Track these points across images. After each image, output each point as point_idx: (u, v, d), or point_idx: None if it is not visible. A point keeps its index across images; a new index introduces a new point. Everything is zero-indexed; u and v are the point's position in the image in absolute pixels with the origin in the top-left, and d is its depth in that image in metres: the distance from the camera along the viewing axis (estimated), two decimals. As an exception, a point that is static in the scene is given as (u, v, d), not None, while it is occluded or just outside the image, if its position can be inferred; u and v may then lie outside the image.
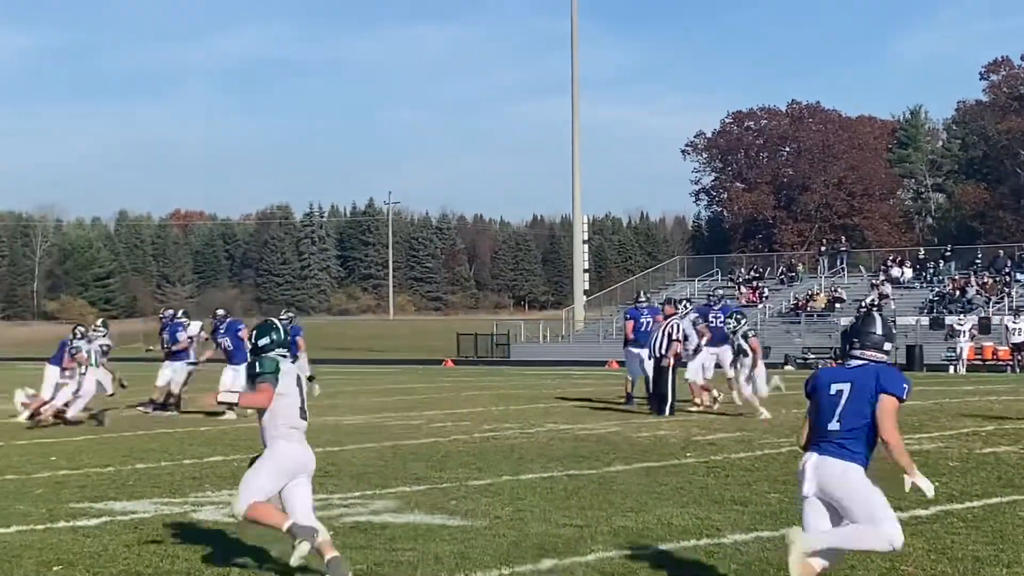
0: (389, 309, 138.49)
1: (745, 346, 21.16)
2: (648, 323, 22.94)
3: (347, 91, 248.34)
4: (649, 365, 21.93)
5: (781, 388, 23.03)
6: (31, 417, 20.32)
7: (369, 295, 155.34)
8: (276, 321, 8.70)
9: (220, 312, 23.65)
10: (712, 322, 23.15)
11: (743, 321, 22.00)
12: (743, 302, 64.95)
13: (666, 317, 22.14)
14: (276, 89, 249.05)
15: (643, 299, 24.67)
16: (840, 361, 7.21)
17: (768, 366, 50.44)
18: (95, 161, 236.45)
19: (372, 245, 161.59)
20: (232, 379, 21.01)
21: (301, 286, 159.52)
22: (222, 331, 22.69)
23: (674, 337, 21.68)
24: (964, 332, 45.40)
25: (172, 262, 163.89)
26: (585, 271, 73.42)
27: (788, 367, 50.09)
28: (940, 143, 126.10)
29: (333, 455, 15.18)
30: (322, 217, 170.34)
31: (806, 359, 51.98)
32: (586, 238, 74.63)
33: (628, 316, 24.39)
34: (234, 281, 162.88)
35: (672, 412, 20.99)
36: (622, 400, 23.45)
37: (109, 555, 8.64)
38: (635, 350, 22.88)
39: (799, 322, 59.86)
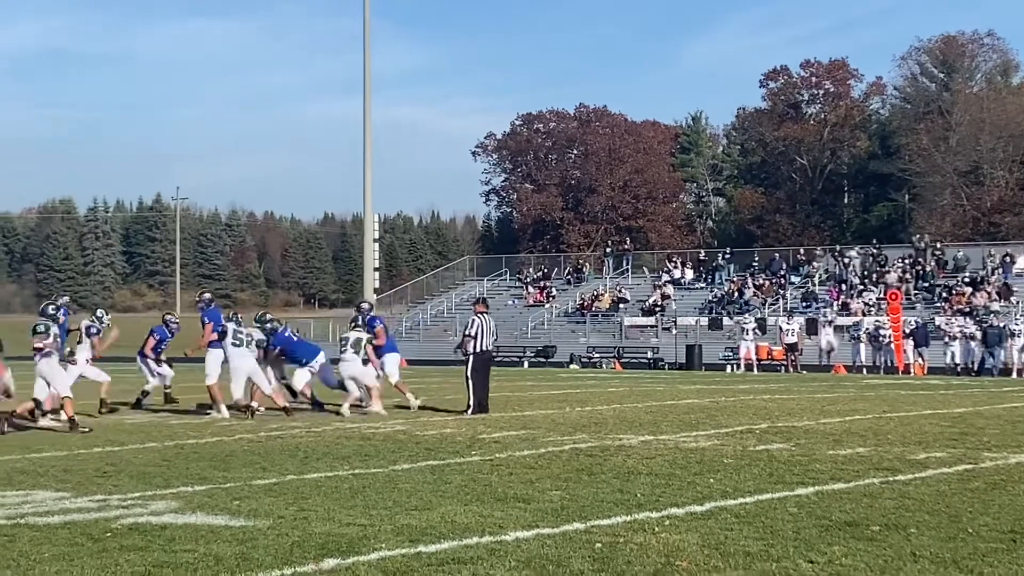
0: (176, 306, 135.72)
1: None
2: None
3: (133, 85, 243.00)
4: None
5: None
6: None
7: (155, 292, 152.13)
8: None
9: None
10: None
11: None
12: (531, 301, 65.72)
13: (478, 314, 22.16)
14: (59, 82, 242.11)
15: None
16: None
17: (553, 365, 51.17)
18: None
19: (159, 241, 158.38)
20: None
21: (84, 282, 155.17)
22: None
23: (467, 333, 21.89)
24: (748, 331, 46.74)
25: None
26: (376, 270, 73.06)
27: (573, 365, 50.87)
28: (720, 148, 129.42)
29: (113, 454, 14.88)
30: (107, 212, 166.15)
31: (591, 358, 52.83)
32: (377, 236, 74.28)
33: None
34: (13, 276, 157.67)
35: (484, 410, 21.18)
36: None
37: None
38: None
39: (585, 322, 60.81)
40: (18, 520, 9.84)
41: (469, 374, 21.58)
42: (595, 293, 64.43)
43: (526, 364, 53.31)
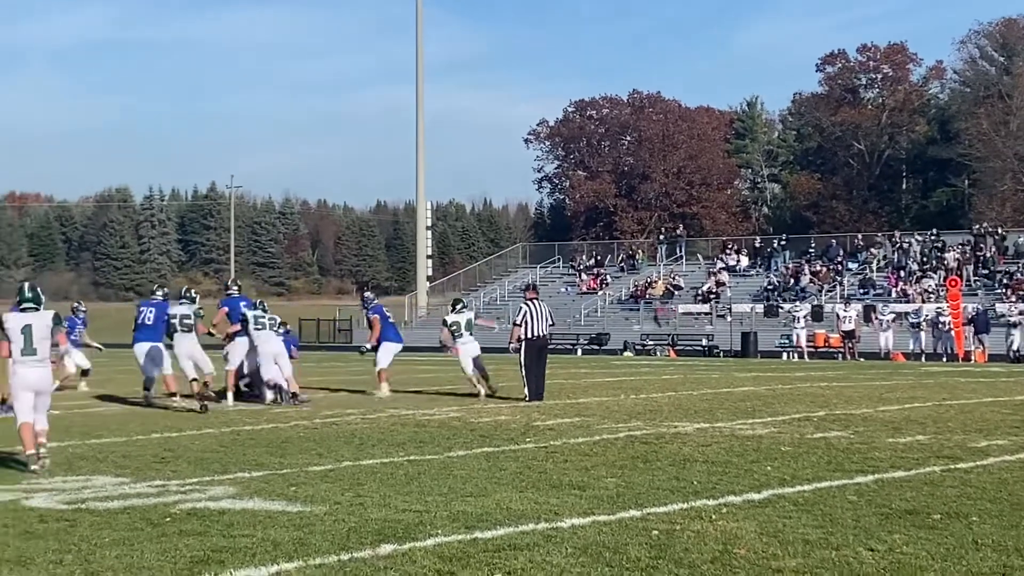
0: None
1: None
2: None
3: (187, 73, 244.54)
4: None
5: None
6: None
7: (211, 279, 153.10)
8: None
9: None
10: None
11: None
12: (584, 289, 65.66)
13: (527, 301, 22.12)
14: (115, 70, 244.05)
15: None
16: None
17: (606, 352, 51.08)
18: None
19: (214, 229, 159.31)
20: None
21: (140, 270, 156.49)
22: None
23: (514, 322, 21.82)
24: (799, 318, 46.43)
25: (7, 244, 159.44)
26: (428, 257, 73.45)
27: (627, 353, 50.76)
28: (776, 134, 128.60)
29: (171, 440, 14.99)
30: (163, 200, 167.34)
31: (644, 345, 52.69)
32: (429, 224, 74.65)
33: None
34: (71, 265, 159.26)
35: (539, 397, 21.14)
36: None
37: (-64, 544, 8.41)
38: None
39: (638, 309, 60.66)
40: (79, 505, 9.92)
41: (523, 362, 21.51)
42: (648, 280, 64.28)
43: (579, 352, 53.27)
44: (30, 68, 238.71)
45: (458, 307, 23.84)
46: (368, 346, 24.07)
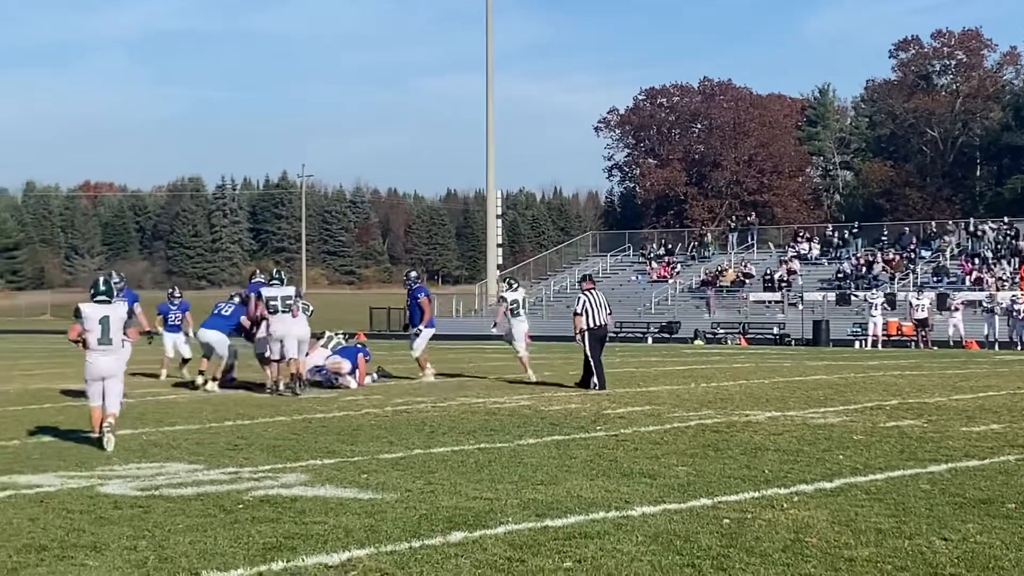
0: (302, 282, 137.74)
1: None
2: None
3: (260, 63, 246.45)
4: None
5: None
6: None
7: (282, 268, 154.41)
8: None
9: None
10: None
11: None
12: (654, 277, 65.48)
13: (585, 291, 22.12)
14: (187, 60, 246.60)
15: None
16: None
17: (677, 341, 50.96)
18: (1, 131, 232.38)
19: (285, 218, 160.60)
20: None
21: (213, 259, 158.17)
22: None
23: (575, 311, 21.78)
24: (876, 306, 45.95)
25: (81, 233, 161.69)
26: (499, 246, 73.44)
27: (698, 341, 50.54)
28: (848, 121, 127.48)
29: (243, 428, 15.13)
30: (234, 189, 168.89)
31: (715, 334, 52.43)
32: (500, 213, 74.61)
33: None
34: (144, 253, 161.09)
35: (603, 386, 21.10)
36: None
37: (13, 529, 8.53)
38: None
39: (709, 297, 60.37)
40: (153, 492, 10.04)
41: (587, 351, 21.47)
42: (719, 268, 63.98)
43: (650, 340, 53.11)
44: (104, 59, 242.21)
45: (514, 285, 24.28)
46: (422, 327, 23.98)
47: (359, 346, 23.86)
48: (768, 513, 8.82)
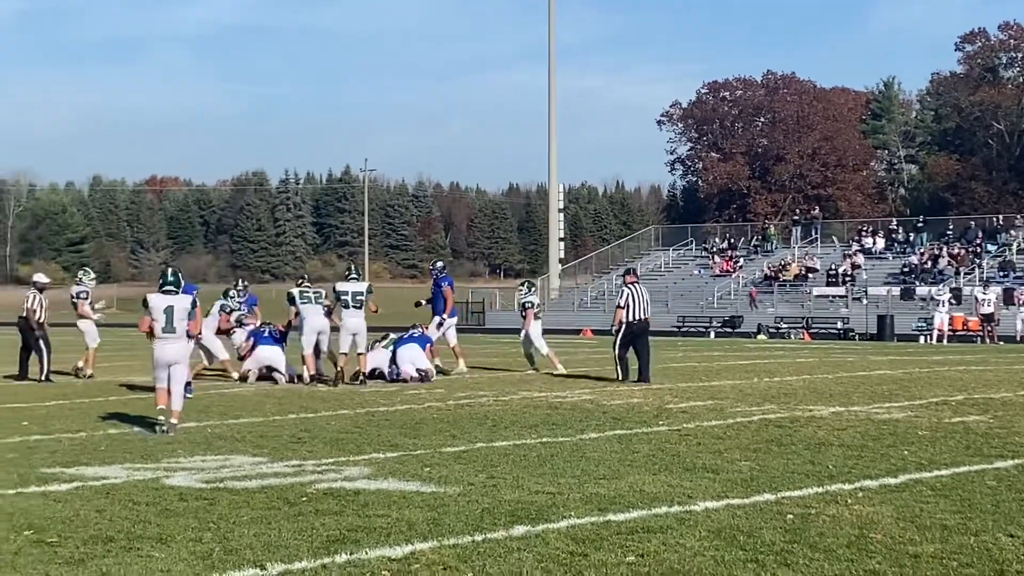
0: (365, 276, 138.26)
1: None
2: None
3: (323, 58, 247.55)
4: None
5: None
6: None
7: (345, 262, 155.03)
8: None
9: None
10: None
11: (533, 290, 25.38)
12: (717, 271, 65.18)
13: (628, 284, 22.09)
14: (251, 55, 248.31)
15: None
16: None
17: (740, 335, 50.77)
18: (69, 126, 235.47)
19: (348, 212, 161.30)
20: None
21: (276, 252, 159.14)
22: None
23: (618, 304, 21.78)
24: (942, 301, 45.47)
25: (146, 227, 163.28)
26: (560, 240, 73.33)
27: (761, 336, 50.28)
28: (913, 114, 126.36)
29: (307, 421, 15.21)
30: (298, 184, 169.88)
31: (779, 328, 52.13)
32: (562, 207, 74.51)
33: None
34: (209, 247, 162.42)
35: (627, 377, 21.14)
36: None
37: (80, 520, 8.62)
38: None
39: (772, 291, 60.00)
40: (217, 484, 10.12)
41: (618, 343, 21.50)
42: (782, 262, 63.59)
43: (712, 334, 52.91)
44: (170, 55, 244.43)
45: (532, 289, 25.58)
46: (445, 316, 24.31)
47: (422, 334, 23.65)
48: (832, 509, 8.77)
